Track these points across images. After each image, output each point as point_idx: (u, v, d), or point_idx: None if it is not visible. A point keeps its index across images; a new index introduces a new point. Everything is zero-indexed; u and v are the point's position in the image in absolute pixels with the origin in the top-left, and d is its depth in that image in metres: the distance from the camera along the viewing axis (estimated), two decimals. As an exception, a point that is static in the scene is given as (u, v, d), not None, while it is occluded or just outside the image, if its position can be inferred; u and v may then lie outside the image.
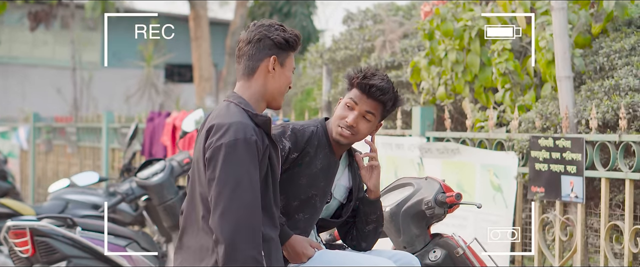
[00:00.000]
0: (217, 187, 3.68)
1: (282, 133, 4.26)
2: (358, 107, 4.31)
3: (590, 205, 6.28)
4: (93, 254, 6.38)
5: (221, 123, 3.77)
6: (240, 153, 3.68)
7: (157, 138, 11.09)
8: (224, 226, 3.63)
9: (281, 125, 4.32)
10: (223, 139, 3.71)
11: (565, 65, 6.38)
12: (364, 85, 4.30)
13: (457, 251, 4.81)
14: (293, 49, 3.99)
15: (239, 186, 3.65)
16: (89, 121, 13.92)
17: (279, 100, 4.00)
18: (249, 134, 3.71)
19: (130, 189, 7.57)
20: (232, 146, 3.69)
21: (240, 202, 3.64)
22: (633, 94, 6.10)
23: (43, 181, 15.19)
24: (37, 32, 21.81)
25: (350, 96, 4.34)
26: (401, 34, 9.34)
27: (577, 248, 6.14)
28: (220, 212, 3.64)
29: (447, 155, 6.98)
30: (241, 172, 3.67)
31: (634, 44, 6.62)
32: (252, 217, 3.65)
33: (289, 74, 3.98)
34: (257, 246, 3.64)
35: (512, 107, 7.10)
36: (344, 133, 4.30)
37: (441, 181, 4.93)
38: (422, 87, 7.96)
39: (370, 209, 4.44)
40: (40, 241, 6.23)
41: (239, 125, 3.73)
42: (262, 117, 3.82)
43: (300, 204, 4.28)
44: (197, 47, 18.90)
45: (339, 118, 4.33)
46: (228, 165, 3.68)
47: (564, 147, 6.11)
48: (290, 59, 3.98)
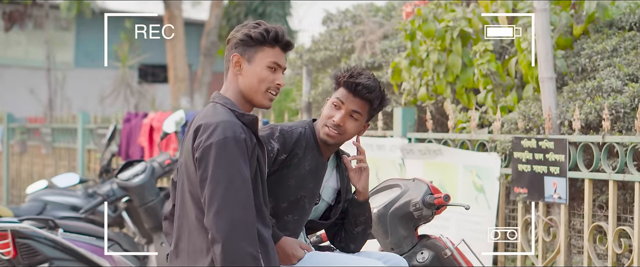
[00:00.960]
0: (210, 186, 3.66)
1: (271, 134, 4.24)
2: (345, 106, 4.29)
3: (573, 206, 6.30)
4: (75, 256, 6.33)
5: (209, 123, 3.75)
6: (231, 151, 3.67)
7: (134, 139, 11.03)
8: (219, 224, 3.61)
9: (269, 127, 4.30)
10: (212, 138, 3.69)
11: (547, 67, 6.40)
12: (350, 84, 4.28)
13: (445, 252, 4.81)
14: (262, 43, 3.89)
15: (232, 184, 3.64)
16: (64, 122, 13.82)
17: (258, 98, 3.91)
18: (238, 132, 3.70)
19: (111, 191, 7.52)
20: (222, 144, 3.67)
21: (235, 200, 3.63)
22: (616, 95, 6.12)
23: (17, 182, 15.08)
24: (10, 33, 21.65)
25: (336, 95, 4.32)
26: (381, 35, 9.34)
27: (560, 249, 6.16)
28: (215, 211, 3.62)
29: (429, 156, 6.98)
30: (233, 170, 3.65)
31: (615, 45, 6.65)
32: (247, 215, 3.64)
33: (260, 69, 3.87)
34: (253, 243, 3.63)
35: (494, 108, 7.12)
36: (331, 133, 4.28)
37: (429, 182, 4.92)
38: (403, 88, 7.96)
39: (359, 210, 4.43)
40: (22, 243, 6.17)
41: (227, 124, 3.71)
42: (248, 117, 3.81)
43: (289, 205, 4.27)
44: (171, 48, 18.82)
45: (326, 117, 4.31)
46: (220, 163, 3.66)
47: (547, 148, 6.13)
48: (263, 54, 3.88)
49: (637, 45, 6.58)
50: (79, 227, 6.78)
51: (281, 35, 3.93)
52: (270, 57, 3.89)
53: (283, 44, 3.95)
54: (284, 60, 3.97)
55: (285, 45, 3.96)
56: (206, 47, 19.27)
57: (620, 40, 6.68)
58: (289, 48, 4.00)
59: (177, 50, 18.76)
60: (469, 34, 7.49)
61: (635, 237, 5.63)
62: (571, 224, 6.27)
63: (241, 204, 3.63)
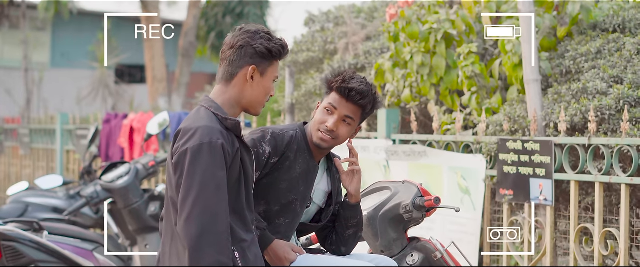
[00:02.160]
0: (183, 192, 3.66)
1: (262, 138, 4.23)
2: (337, 112, 4.29)
3: (559, 207, 6.33)
4: (60, 259, 6.29)
5: (188, 127, 3.76)
6: (206, 157, 3.66)
7: (114, 140, 11.01)
8: (189, 230, 3.61)
9: (260, 130, 4.29)
10: (188, 143, 3.70)
11: (533, 69, 6.42)
12: (343, 89, 4.28)
13: (435, 254, 4.82)
14: (276, 58, 3.94)
15: (204, 191, 3.63)
16: (43, 123, 13.74)
17: (258, 109, 3.95)
18: (215, 137, 3.69)
19: (94, 192, 7.49)
20: (198, 150, 3.67)
21: (205, 206, 3.62)
22: (601, 97, 6.15)
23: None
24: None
25: (329, 101, 4.32)
26: (364, 37, 9.34)
27: (546, 250, 6.18)
28: (185, 217, 3.63)
29: (414, 158, 6.99)
30: (207, 176, 3.64)
31: (599, 47, 6.69)
32: (217, 222, 3.63)
33: (269, 83, 3.92)
34: (223, 250, 3.62)
35: (478, 110, 7.13)
36: (324, 138, 4.28)
37: (419, 185, 4.93)
38: (386, 90, 7.97)
39: (350, 213, 4.43)
40: (7, 246, 6.12)
41: (205, 130, 3.71)
42: (231, 121, 3.80)
43: (281, 208, 4.26)
44: (149, 48, 18.75)
45: (319, 123, 4.31)
46: (193, 169, 3.66)
47: (532, 150, 6.15)
48: (273, 69, 3.93)
49: (621, 47, 6.61)
50: (64, 229, 6.75)
51: (288, 51, 4.03)
52: (276, 72, 3.96)
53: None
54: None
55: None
56: (184, 47, 19.21)
57: (604, 43, 6.72)
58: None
59: (155, 51, 18.69)
60: (453, 36, 7.50)
61: (621, 239, 5.66)
62: (557, 226, 6.30)
63: (212, 211, 3.63)
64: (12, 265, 6.16)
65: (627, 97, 6.02)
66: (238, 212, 3.79)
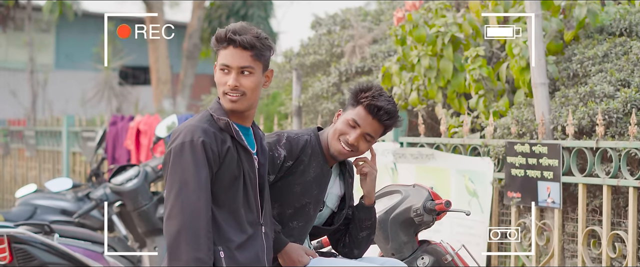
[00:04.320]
0: (166, 190, 3.73)
1: (277, 141, 4.26)
2: (361, 128, 4.26)
3: (567, 210, 6.37)
4: (71, 261, 6.33)
5: (177, 128, 3.83)
6: (186, 156, 3.69)
7: (121, 142, 11.05)
8: (169, 228, 3.66)
9: (276, 134, 4.32)
10: (173, 143, 3.76)
11: (540, 72, 6.46)
12: (372, 106, 4.24)
13: (445, 257, 4.85)
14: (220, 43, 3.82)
15: (184, 189, 3.67)
16: (48, 124, 13.78)
17: (223, 102, 3.85)
18: (197, 136, 3.71)
19: (104, 195, 7.53)
20: (179, 149, 3.71)
21: (184, 204, 3.65)
22: (608, 100, 6.19)
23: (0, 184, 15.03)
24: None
25: (353, 115, 4.27)
26: (370, 40, 9.38)
27: (554, 253, 6.22)
28: (166, 216, 3.69)
29: (422, 160, 7.02)
30: (186, 175, 3.68)
31: (606, 50, 6.72)
32: (195, 219, 3.65)
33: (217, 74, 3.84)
34: (201, 247, 3.64)
35: (485, 113, 7.17)
36: (343, 151, 4.29)
37: (429, 188, 4.97)
38: (393, 93, 8.00)
39: (365, 215, 4.46)
40: (18, 248, 6.17)
41: (189, 129, 3.75)
42: (222, 120, 3.80)
43: (295, 212, 4.30)
44: (154, 50, 18.79)
45: (340, 133, 4.29)
46: (174, 169, 3.71)
47: (540, 153, 6.19)
48: (220, 56, 3.82)
49: (628, 51, 6.65)
50: (74, 231, 6.80)
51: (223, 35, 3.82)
52: (220, 59, 3.83)
53: (229, 42, 3.81)
54: (237, 59, 3.80)
55: (229, 41, 3.80)
56: (188, 49, 19.24)
57: (611, 46, 6.75)
58: (235, 43, 3.79)
59: (159, 53, 18.73)
60: (460, 40, 7.54)
61: (629, 242, 5.70)
62: (565, 229, 6.33)
63: (190, 209, 3.65)
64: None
65: (635, 100, 6.06)
66: (233, 212, 3.81)
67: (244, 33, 3.80)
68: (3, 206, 14.54)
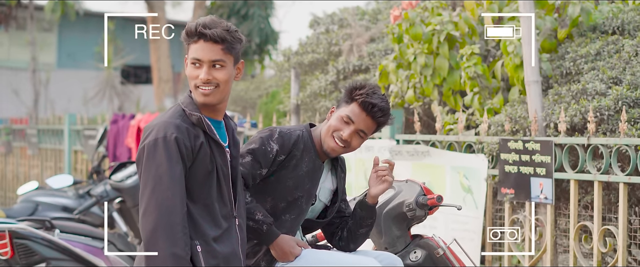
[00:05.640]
0: (141, 187, 3.73)
1: (270, 136, 4.35)
2: (355, 125, 4.36)
3: (559, 206, 6.45)
4: (71, 256, 6.42)
5: (149, 125, 3.83)
6: (159, 152, 3.69)
7: (122, 140, 11.15)
8: (144, 225, 3.66)
9: (269, 129, 4.41)
10: (146, 140, 3.76)
11: (533, 70, 6.54)
12: (366, 103, 4.33)
13: (437, 251, 4.93)
14: (190, 37, 3.80)
15: (157, 185, 3.66)
16: (50, 123, 13.88)
17: (195, 96, 3.85)
18: (170, 132, 3.71)
19: (104, 192, 7.63)
20: (152, 146, 3.71)
21: (158, 201, 3.65)
22: (600, 98, 6.27)
23: (2, 182, 15.14)
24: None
25: (347, 112, 4.37)
26: (368, 38, 9.47)
27: (546, 248, 6.30)
28: (142, 213, 3.69)
29: (417, 157, 7.11)
30: (160, 171, 3.67)
31: (598, 49, 6.81)
32: (170, 215, 3.65)
33: (188, 68, 3.84)
34: (177, 242, 3.65)
35: (480, 110, 7.26)
36: (336, 147, 4.39)
37: (422, 183, 5.05)
38: (390, 91, 8.09)
39: (367, 213, 4.54)
40: (20, 244, 6.26)
41: (161, 125, 3.75)
42: (195, 116, 3.80)
43: (287, 205, 4.39)
44: (156, 49, 18.88)
45: (334, 129, 4.39)
46: (148, 165, 3.70)
47: (533, 149, 6.27)
48: (191, 49, 3.80)
49: (620, 49, 6.73)
50: (75, 227, 6.88)
51: (193, 29, 3.80)
52: (191, 53, 3.81)
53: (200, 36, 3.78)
54: (208, 53, 3.78)
55: (199, 35, 3.78)
56: (190, 48, 19.28)
57: (603, 44, 6.84)
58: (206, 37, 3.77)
59: (161, 52, 18.83)
60: (456, 38, 7.63)
61: (619, 237, 5.78)
62: (557, 224, 6.42)
63: (165, 205, 3.65)
64: (24, 263, 6.31)
65: (626, 97, 6.15)
66: (207, 206, 3.83)
67: (214, 27, 3.78)
68: (5, 203, 14.64)
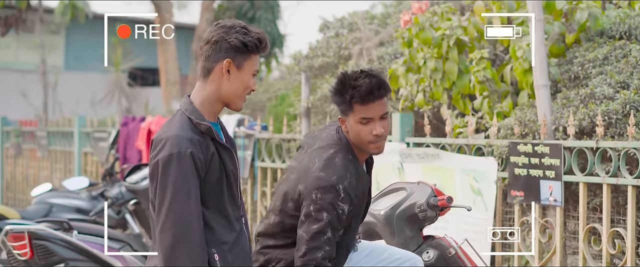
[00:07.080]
0: (158, 202, 3.74)
1: (336, 197, 4.25)
2: (374, 117, 4.32)
3: (568, 208, 6.53)
4: (89, 257, 6.52)
5: (159, 137, 3.83)
6: (176, 167, 3.72)
7: (132, 143, 11.22)
8: (162, 240, 3.70)
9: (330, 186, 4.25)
10: (159, 154, 3.76)
11: (542, 75, 6.62)
12: (364, 97, 4.29)
13: (449, 251, 5.02)
14: (253, 52, 3.91)
15: (176, 200, 3.70)
16: (60, 125, 13.97)
17: (237, 103, 3.93)
18: (184, 147, 3.74)
19: (119, 193, 7.73)
20: (168, 161, 3.72)
21: (177, 216, 3.69)
22: (608, 102, 6.36)
23: (12, 184, 15.21)
24: (1, 36, 21.78)
25: (359, 115, 4.31)
26: (377, 42, 9.55)
27: (556, 249, 6.39)
28: (160, 228, 3.72)
29: (427, 160, 7.19)
30: (177, 186, 3.71)
31: (606, 53, 6.89)
32: (190, 230, 3.70)
33: (247, 77, 3.91)
34: (196, 258, 3.71)
35: (490, 114, 7.33)
36: (379, 146, 4.38)
37: (433, 185, 5.15)
38: (400, 94, 8.17)
39: None
40: (39, 244, 6.36)
41: (174, 139, 3.75)
42: (204, 125, 3.82)
43: (345, 231, 4.39)
44: (163, 51, 18.97)
45: (367, 134, 4.33)
46: (165, 180, 3.72)
47: (542, 153, 6.36)
48: (250, 62, 3.91)
49: (627, 53, 6.82)
50: (91, 228, 6.98)
51: (267, 45, 3.95)
52: (255, 65, 3.92)
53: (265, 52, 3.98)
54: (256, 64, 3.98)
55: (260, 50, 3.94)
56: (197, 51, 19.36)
57: (611, 49, 6.92)
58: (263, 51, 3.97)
59: (168, 54, 18.91)
60: (465, 42, 7.71)
61: (628, 239, 5.87)
62: (566, 226, 6.50)
63: (184, 221, 3.69)
64: (43, 263, 6.41)
65: (633, 102, 6.23)
66: (221, 211, 3.87)
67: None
68: (16, 205, 14.73)
